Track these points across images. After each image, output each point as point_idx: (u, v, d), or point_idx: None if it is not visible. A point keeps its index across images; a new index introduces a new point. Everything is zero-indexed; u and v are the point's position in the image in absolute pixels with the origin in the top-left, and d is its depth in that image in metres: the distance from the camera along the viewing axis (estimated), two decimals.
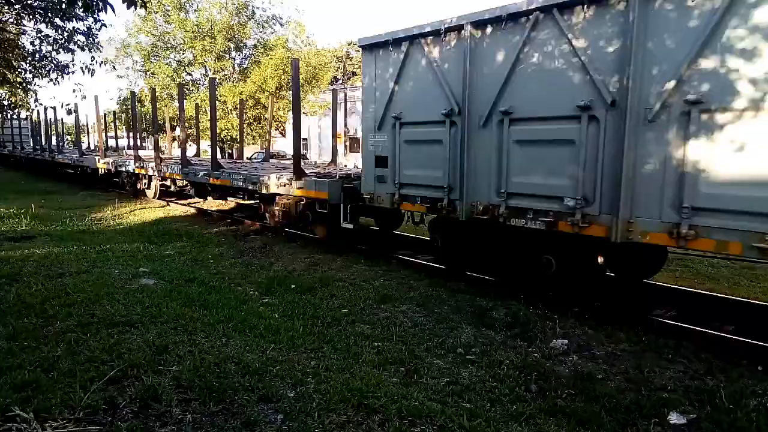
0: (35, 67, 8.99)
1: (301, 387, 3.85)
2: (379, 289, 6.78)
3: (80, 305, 5.40)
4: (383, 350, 4.70)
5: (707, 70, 4.67)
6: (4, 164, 32.23)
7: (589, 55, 5.35)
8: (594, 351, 4.94)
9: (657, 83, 4.94)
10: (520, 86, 5.96)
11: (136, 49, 25.75)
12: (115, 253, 8.31)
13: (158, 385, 3.64)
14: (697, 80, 4.72)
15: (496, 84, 6.12)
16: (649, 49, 4.96)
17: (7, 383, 3.65)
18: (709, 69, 4.66)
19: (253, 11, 26.01)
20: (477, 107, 6.41)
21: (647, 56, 4.98)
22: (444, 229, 7.54)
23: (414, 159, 7.34)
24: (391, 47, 7.37)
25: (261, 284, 6.87)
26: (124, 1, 2.90)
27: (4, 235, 9.46)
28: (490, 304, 6.12)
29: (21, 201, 14.35)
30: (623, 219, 5.20)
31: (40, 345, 4.38)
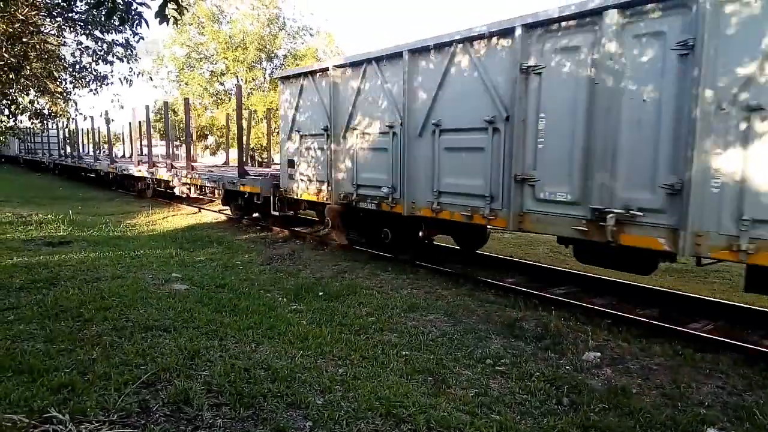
0: (75, 77, 9.33)
1: (329, 394, 3.85)
2: (407, 297, 6.76)
3: (115, 309, 5.54)
4: (411, 359, 4.67)
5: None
6: (41, 171, 33.40)
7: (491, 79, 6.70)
8: (628, 364, 4.82)
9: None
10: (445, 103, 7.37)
11: (171, 59, 26.46)
12: (149, 258, 8.51)
13: (190, 389, 3.69)
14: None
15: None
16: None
17: (44, 385, 3.75)
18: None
19: (284, 22, 26.49)
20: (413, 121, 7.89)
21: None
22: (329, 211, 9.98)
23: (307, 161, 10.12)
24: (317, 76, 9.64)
25: (289, 291, 6.93)
26: (156, 16, 2.98)
27: (43, 240, 9.78)
28: (519, 314, 6.03)
29: (59, 207, 14.84)
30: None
31: (77, 348, 4.50)
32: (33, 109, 9.25)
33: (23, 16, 7.65)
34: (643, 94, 5.19)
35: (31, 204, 16.11)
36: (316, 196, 9.89)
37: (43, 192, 21.08)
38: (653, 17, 5.10)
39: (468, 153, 7.09)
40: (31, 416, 3.27)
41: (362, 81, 8.53)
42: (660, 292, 7.03)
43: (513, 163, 6.40)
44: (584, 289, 7.28)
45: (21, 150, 39.93)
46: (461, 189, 7.20)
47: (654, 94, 5.13)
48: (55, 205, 15.85)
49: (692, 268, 7.86)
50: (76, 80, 9.40)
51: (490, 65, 6.64)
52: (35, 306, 5.63)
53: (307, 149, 10.05)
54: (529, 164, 6.29)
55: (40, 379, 3.85)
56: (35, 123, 10.44)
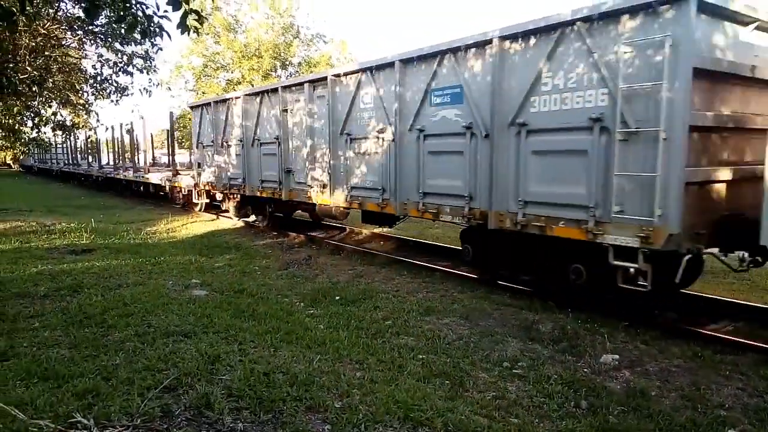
0: (97, 89, 9.55)
1: (348, 398, 3.89)
2: (422, 301, 6.79)
3: (137, 315, 5.65)
4: (428, 363, 4.69)
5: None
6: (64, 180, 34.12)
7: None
8: (647, 366, 4.78)
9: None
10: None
11: (188, 69, 26.87)
12: (169, 265, 8.65)
13: (211, 393, 3.77)
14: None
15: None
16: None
17: (69, 390, 3.86)
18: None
19: (298, 30, 26.71)
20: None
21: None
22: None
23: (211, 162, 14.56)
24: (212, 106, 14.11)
25: (306, 295, 7.00)
26: (178, 27, 3.06)
27: (66, 248, 10.00)
28: (536, 317, 6.02)
29: (82, 215, 15.15)
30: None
31: (100, 354, 4.61)
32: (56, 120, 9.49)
33: (45, 30, 7.87)
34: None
35: (55, 213, 16.45)
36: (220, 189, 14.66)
37: (65, 201, 21.52)
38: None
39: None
40: (57, 421, 3.36)
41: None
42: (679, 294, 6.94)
43: None
44: None
45: (35, 160, 41.43)
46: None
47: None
48: (78, 214, 16.17)
49: (711, 269, 7.75)
50: (98, 92, 9.62)
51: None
52: (60, 313, 5.77)
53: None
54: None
55: (65, 384, 3.96)
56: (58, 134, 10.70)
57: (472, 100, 6.96)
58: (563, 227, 6.01)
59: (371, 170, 8.89)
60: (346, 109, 9.14)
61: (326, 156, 9.77)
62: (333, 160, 9.60)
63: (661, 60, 5.00)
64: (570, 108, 5.83)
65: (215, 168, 14.14)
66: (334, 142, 9.54)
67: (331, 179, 9.71)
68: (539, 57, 6.08)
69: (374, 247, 11.25)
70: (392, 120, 8.22)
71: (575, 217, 5.88)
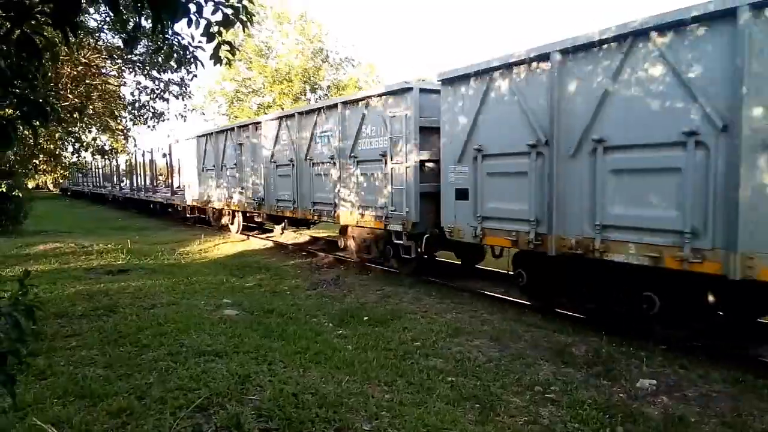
0: (134, 115, 9.94)
1: (377, 420, 3.86)
2: (451, 322, 6.72)
3: (170, 335, 5.75)
4: (457, 385, 4.63)
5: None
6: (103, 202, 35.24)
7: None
8: (686, 392, 4.61)
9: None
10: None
11: (221, 94, 27.67)
12: (201, 285, 8.81)
13: (241, 413, 3.78)
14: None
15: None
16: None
17: (104, 409, 3.93)
18: None
19: (327, 55, 27.28)
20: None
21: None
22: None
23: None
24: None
25: (335, 316, 7.01)
26: (211, 58, 3.18)
27: (103, 269, 10.29)
28: (569, 339, 5.89)
29: (118, 237, 15.58)
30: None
31: (134, 373, 4.69)
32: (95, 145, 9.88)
33: (86, 59, 8.24)
34: None
35: (92, 234, 16.97)
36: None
37: (102, 223, 22.19)
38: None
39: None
40: None
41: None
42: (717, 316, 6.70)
43: None
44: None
45: (69, 183, 43.50)
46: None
47: None
48: (114, 235, 16.65)
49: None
50: (135, 117, 9.99)
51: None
52: (96, 332, 5.91)
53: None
54: None
55: (100, 403, 4.04)
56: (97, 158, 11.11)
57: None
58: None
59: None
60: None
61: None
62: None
63: None
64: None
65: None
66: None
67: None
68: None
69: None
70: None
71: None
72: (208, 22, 2.79)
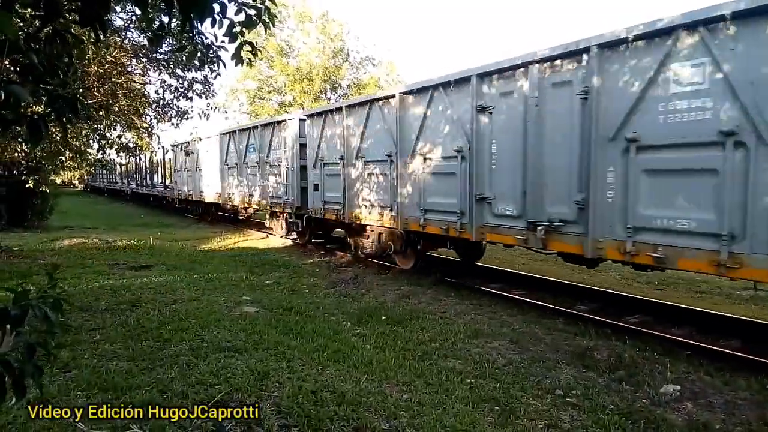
0: (159, 113, 10.08)
1: (395, 420, 3.85)
2: (470, 323, 6.68)
3: (191, 330, 5.81)
4: (476, 387, 4.60)
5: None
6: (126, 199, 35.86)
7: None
8: (710, 399, 4.51)
9: None
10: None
11: (243, 92, 27.95)
12: (221, 281, 8.90)
13: (261, 410, 3.81)
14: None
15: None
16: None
17: (127, 402, 3.99)
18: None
19: (348, 54, 27.35)
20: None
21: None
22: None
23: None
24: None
25: (353, 315, 7.02)
26: (232, 58, 3.21)
27: (126, 264, 10.45)
28: (590, 343, 5.80)
29: (141, 233, 15.83)
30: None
31: (156, 367, 4.75)
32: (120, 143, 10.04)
33: (113, 57, 8.38)
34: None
35: (116, 231, 17.29)
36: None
37: (125, 219, 22.59)
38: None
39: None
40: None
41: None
42: (744, 322, 6.56)
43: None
44: (660, 318, 6.91)
45: (88, 179, 44.86)
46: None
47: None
48: (137, 231, 16.91)
49: None
50: (160, 115, 10.13)
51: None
52: (119, 326, 6.01)
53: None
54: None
55: (123, 396, 4.09)
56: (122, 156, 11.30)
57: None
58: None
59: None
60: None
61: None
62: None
63: None
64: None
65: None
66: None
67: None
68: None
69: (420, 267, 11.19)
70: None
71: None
72: (231, 22, 2.80)
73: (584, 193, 6.12)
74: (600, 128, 5.89)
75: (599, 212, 5.99)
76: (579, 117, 6.13)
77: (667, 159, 5.37)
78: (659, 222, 5.45)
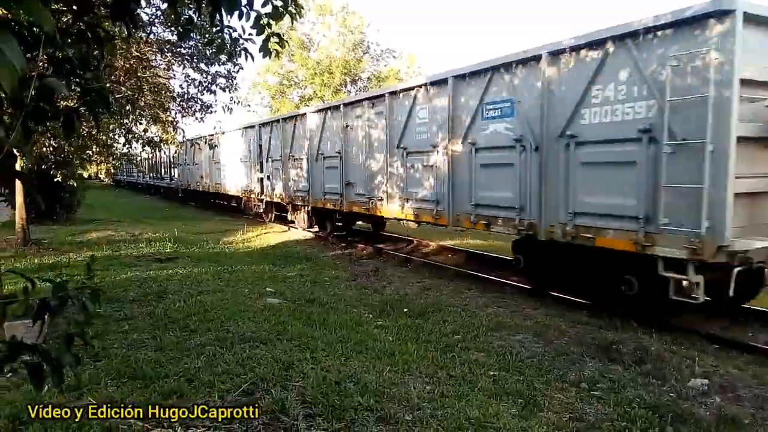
0: (183, 107, 10.20)
1: (418, 411, 3.87)
2: (492, 316, 6.65)
3: (217, 321, 5.91)
4: (499, 379, 4.59)
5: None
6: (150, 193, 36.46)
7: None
8: (739, 392, 4.43)
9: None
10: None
11: (264, 87, 28.11)
12: (245, 273, 9.01)
13: (285, 399, 3.86)
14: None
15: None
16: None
17: (155, 390, 4.07)
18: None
19: (368, 46, 27.28)
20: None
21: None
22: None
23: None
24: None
25: (375, 307, 7.05)
26: (260, 50, 3.21)
27: (152, 256, 10.66)
28: (616, 337, 5.72)
29: (165, 226, 16.09)
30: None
31: (183, 357, 4.84)
32: (146, 137, 10.20)
33: (138, 52, 8.50)
34: None
35: (141, 223, 17.60)
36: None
37: (150, 212, 22.98)
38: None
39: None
40: (144, 420, 3.56)
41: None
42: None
43: None
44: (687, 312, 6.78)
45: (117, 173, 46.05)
46: None
47: None
48: (162, 224, 17.19)
49: None
50: (184, 109, 10.26)
51: None
52: (147, 317, 6.14)
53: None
54: None
55: (152, 385, 4.18)
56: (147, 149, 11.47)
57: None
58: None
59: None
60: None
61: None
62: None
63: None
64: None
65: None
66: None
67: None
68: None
69: (442, 260, 11.18)
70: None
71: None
72: (258, 14, 2.81)
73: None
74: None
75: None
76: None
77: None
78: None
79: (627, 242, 5.92)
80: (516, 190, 7.42)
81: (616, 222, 6.09)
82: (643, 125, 5.68)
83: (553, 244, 7.04)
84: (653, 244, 5.63)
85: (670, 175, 5.39)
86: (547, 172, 6.90)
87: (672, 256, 5.46)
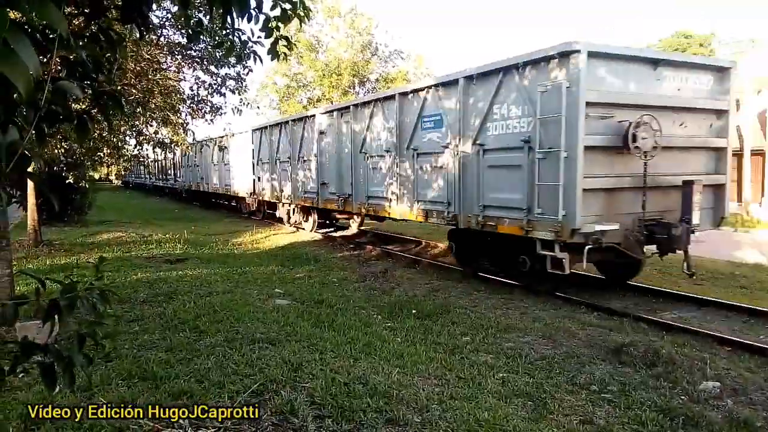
0: (193, 109, 10.25)
1: (427, 413, 3.86)
2: (501, 317, 6.63)
3: (226, 322, 5.94)
4: (508, 381, 4.57)
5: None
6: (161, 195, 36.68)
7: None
8: (751, 396, 4.39)
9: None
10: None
11: (272, 89, 28.20)
12: (254, 274, 9.05)
13: (295, 400, 3.87)
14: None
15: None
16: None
17: (166, 391, 4.10)
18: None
19: (377, 48, 27.28)
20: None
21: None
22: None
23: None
24: None
25: (383, 308, 7.05)
26: (269, 53, 3.23)
27: (162, 257, 10.73)
28: (626, 339, 5.68)
29: (175, 228, 16.18)
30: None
31: (194, 357, 4.86)
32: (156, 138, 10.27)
33: (149, 55, 8.56)
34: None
35: (151, 225, 17.70)
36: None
37: (160, 214, 23.11)
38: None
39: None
40: (154, 420, 3.58)
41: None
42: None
43: None
44: (699, 314, 6.73)
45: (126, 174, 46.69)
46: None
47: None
48: (171, 225, 17.28)
49: None
50: (194, 111, 10.31)
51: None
52: (157, 318, 6.17)
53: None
54: None
55: (162, 385, 4.21)
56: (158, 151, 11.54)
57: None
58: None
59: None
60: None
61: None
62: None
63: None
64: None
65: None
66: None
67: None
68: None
69: (450, 261, 11.15)
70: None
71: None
72: (266, 17, 2.83)
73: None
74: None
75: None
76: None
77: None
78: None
79: (517, 228, 7.49)
80: (444, 188, 9.06)
81: (510, 213, 7.64)
82: (525, 137, 7.25)
83: (471, 232, 8.72)
84: (533, 229, 7.20)
85: (542, 176, 6.96)
86: (465, 173, 8.51)
87: (544, 237, 7.01)
